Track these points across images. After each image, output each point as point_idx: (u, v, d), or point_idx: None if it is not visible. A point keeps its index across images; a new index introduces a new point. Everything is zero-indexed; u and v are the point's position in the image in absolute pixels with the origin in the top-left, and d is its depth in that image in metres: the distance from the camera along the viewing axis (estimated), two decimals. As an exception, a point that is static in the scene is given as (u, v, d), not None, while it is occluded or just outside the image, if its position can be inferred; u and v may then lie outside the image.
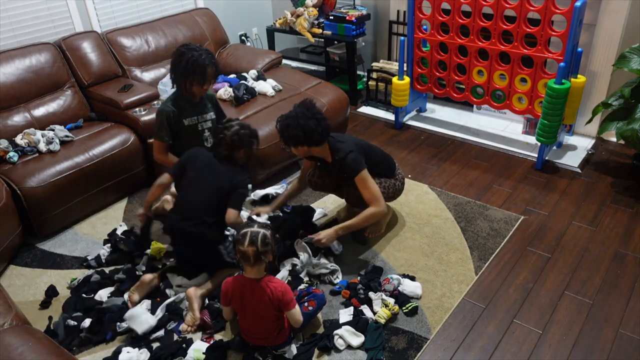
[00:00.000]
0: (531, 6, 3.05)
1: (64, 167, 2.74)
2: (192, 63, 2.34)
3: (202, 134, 2.58)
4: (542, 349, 2.05)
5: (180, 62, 2.36)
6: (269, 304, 1.91)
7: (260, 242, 1.87)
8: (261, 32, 4.91)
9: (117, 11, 3.83)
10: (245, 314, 1.99)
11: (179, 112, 2.48)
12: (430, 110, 4.15)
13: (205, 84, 2.42)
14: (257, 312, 1.94)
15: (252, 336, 2.01)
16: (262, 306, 1.92)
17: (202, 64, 2.35)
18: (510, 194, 3.03)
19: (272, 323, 1.96)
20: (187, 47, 2.40)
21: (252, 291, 1.93)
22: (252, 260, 1.88)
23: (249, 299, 1.94)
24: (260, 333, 1.98)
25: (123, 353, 2.01)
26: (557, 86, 2.96)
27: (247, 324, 2.00)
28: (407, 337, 2.10)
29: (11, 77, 3.00)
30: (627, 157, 3.36)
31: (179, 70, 2.38)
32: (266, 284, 1.92)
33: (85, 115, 3.24)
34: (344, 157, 2.37)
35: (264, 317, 1.94)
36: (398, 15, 4.22)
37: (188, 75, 2.37)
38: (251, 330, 2.00)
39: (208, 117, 2.60)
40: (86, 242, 2.76)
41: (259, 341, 2.00)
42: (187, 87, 2.42)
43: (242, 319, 2.03)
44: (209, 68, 2.39)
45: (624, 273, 2.41)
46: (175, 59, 2.39)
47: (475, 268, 2.46)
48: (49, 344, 1.59)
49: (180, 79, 2.41)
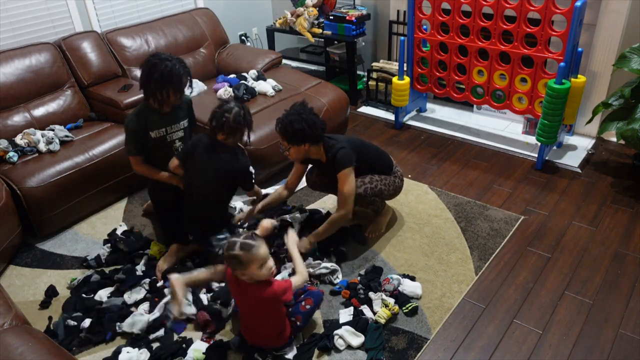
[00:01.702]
0: (531, 6, 3.05)
1: (63, 167, 2.74)
2: (168, 73, 2.25)
3: (172, 145, 2.50)
4: (542, 349, 2.05)
5: (153, 73, 2.25)
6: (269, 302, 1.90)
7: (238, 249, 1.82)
8: (261, 32, 4.91)
9: (117, 11, 3.82)
10: (243, 314, 2.02)
11: (146, 125, 2.39)
12: (430, 110, 4.15)
13: (180, 93, 2.35)
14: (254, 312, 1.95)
15: (251, 336, 2.02)
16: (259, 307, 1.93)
17: (177, 74, 2.27)
18: (510, 194, 3.03)
19: (272, 324, 1.97)
20: (158, 58, 2.28)
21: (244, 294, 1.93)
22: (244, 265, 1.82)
23: (244, 300, 1.96)
24: (260, 334, 2.00)
25: (123, 353, 2.01)
26: (557, 86, 2.96)
27: (246, 323, 2.03)
28: (407, 337, 2.10)
29: (11, 77, 3.00)
30: (627, 157, 3.35)
31: (153, 81, 2.27)
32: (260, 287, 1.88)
33: (85, 115, 3.24)
34: (335, 153, 2.38)
35: (262, 318, 1.95)
36: (398, 15, 4.22)
37: (164, 85, 2.27)
38: (250, 330, 2.02)
39: (179, 126, 2.51)
40: (86, 242, 2.76)
41: (256, 341, 2.01)
42: (160, 98, 2.31)
43: (241, 318, 2.05)
44: (184, 78, 2.32)
45: (624, 273, 2.41)
46: (148, 70, 2.27)
47: (475, 268, 2.46)
48: (49, 344, 1.59)
49: (155, 90, 2.29)
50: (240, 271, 1.84)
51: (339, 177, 2.37)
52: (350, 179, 2.37)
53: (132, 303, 2.28)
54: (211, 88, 3.56)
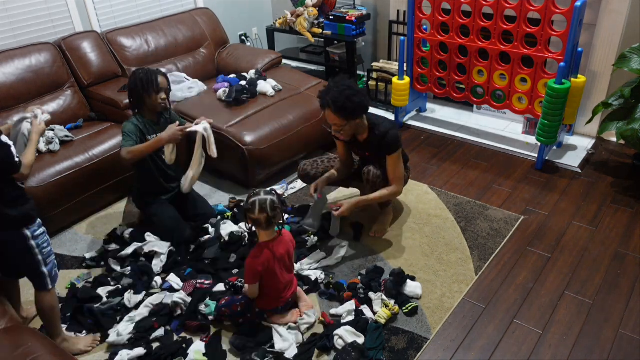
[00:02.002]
0: (531, 6, 3.05)
1: (64, 167, 2.74)
2: (144, 76, 2.48)
3: (162, 149, 2.60)
4: (542, 349, 2.05)
5: (135, 82, 2.49)
6: (292, 246, 2.17)
7: (269, 208, 2.01)
8: (261, 32, 4.91)
9: (117, 11, 3.82)
10: (282, 272, 2.13)
11: (144, 129, 2.56)
12: (430, 110, 4.15)
13: (160, 91, 2.51)
14: (286, 264, 2.14)
15: (287, 292, 2.17)
16: (289, 256, 2.16)
17: (153, 75, 2.49)
18: (510, 194, 3.03)
19: (293, 265, 2.23)
20: (136, 69, 2.55)
21: (282, 244, 2.12)
22: (265, 225, 2.04)
23: (281, 253, 2.10)
24: (291, 285, 2.19)
25: (122, 353, 2.01)
26: (557, 86, 2.96)
27: (285, 277, 2.15)
28: (407, 337, 2.10)
29: (11, 77, 3.00)
30: (627, 157, 3.35)
31: (137, 89, 2.49)
32: (283, 236, 2.14)
33: (85, 115, 3.24)
34: (385, 132, 2.38)
35: (291, 262, 2.19)
36: (398, 15, 4.22)
37: (144, 89, 2.48)
38: (286, 287, 2.17)
39: None
40: (86, 242, 2.76)
41: (290, 294, 2.18)
42: (147, 101, 2.51)
43: (278, 280, 2.11)
44: (160, 77, 2.52)
45: (624, 273, 2.41)
46: (130, 83, 2.52)
47: (475, 268, 2.46)
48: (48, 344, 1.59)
49: (141, 93, 2.49)
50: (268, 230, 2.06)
51: (391, 158, 2.42)
52: (401, 160, 2.46)
53: (132, 307, 2.28)
54: (211, 88, 3.56)
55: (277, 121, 3.18)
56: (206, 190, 3.15)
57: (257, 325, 2.15)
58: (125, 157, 2.45)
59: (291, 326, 2.13)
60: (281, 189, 3.12)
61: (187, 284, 2.36)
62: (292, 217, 2.84)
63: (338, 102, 2.27)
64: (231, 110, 3.27)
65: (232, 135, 3.03)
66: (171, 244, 2.60)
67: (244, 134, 3.02)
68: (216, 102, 3.38)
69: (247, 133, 3.04)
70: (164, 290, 2.36)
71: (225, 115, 3.19)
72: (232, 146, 3.00)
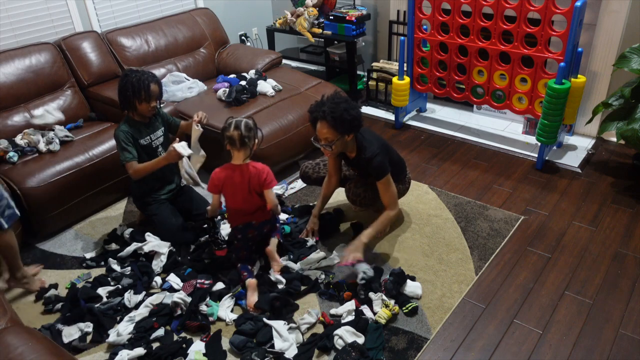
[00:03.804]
0: (531, 6, 3.05)
1: (64, 167, 2.74)
2: (137, 82, 2.46)
3: (157, 150, 2.67)
4: (542, 349, 2.05)
5: (126, 85, 2.48)
6: (254, 182, 2.29)
7: (243, 127, 2.24)
8: (261, 32, 4.91)
9: (117, 11, 3.83)
10: (236, 196, 2.33)
11: (135, 133, 2.56)
12: (430, 110, 4.15)
13: (151, 100, 2.52)
14: (244, 191, 2.30)
15: (242, 214, 2.36)
16: (249, 186, 2.29)
17: (145, 81, 2.48)
18: (510, 194, 3.03)
19: (257, 200, 2.35)
20: (130, 71, 2.52)
21: (240, 173, 2.29)
22: (238, 144, 2.24)
23: (239, 181, 2.29)
24: (248, 209, 2.35)
25: (122, 353, 2.01)
26: (557, 86, 2.96)
27: (238, 204, 2.35)
28: (407, 337, 2.10)
29: (11, 77, 3.00)
30: (627, 157, 3.35)
31: (128, 92, 2.48)
32: (251, 165, 2.31)
33: (85, 115, 3.24)
34: (371, 158, 2.36)
35: (251, 194, 2.31)
36: (398, 15, 4.22)
37: (135, 94, 2.48)
38: (241, 209, 2.35)
39: (159, 134, 2.69)
40: (86, 242, 2.76)
41: (246, 217, 2.36)
42: (137, 107, 2.51)
43: (232, 202, 2.35)
44: (153, 85, 2.51)
45: (624, 273, 2.41)
46: (121, 85, 2.50)
47: (475, 268, 2.46)
48: (49, 344, 1.59)
49: (132, 99, 2.49)
50: (241, 151, 2.27)
51: (380, 184, 2.40)
52: (392, 183, 2.43)
53: (132, 307, 2.28)
54: (211, 88, 3.56)
55: (277, 121, 3.19)
56: (206, 190, 3.14)
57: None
58: (133, 176, 2.53)
59: (291, 326, 2.13)
60: (281, 189, 3.12)
61: (187, 284, 2.36)
62: (292, 217, 2.84)
63: (335, 114, 2.23)
64: (231, 110, 3.27)
65: (232, 135, 3.03)
66: (171, 244, 2.60)
67: (244, 134, 3.02)
68: (216, 102, 3.38)
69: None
70: (164, 290, 2.37)
71: (225, 115, 3.15)
72: (232, 146, 3.00)
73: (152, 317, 2.21)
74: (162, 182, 2.72)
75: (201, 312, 2.22)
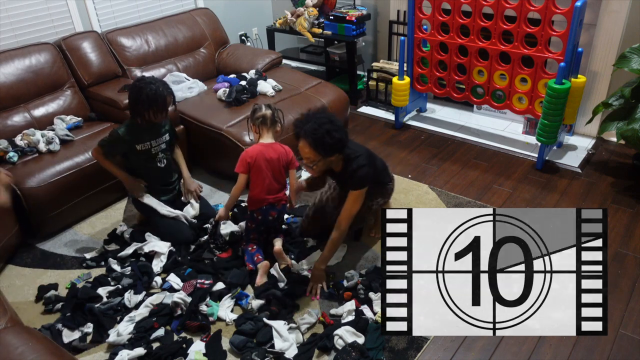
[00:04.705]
0: (531, 6, 3.05)
1: (64, 167, 2.74)
2: (153, 95, 2.48)
3: (156, 156, 2.68)
4: (542, 349, 2.05)
5: (140, 96, 2.49)
6: (284, 159, 2.44)
7: (273, 108, 2.49)
8: (261, 32, 4.91)
9: (117, 11, 3.82)
10: (267, 173, 2.41)
11: (133, 139, 2.59)
12: (431, 110, 4.15)
13: (165, 112, 2.58)
14: (277, 167, 2.43)
15: (266, 194, 2.43)
16: (280, 163, 2.43)
17: (162, 95, 2.51)
18: (510, 194, 3.03)
19: (283, 180, 2.49)
20: (143, 82, 2.52)
21: (274, 150, 2.43)
22: (269, 122, 2.45)
23: (274, 157, 2.42)
24: (275, 189, 2.45)
25: (122, 353, 2.01)
26: (558, 86, 2.96)
27: (267, 181, 2.42)
28: (407, 337, 2.10)
29: (11, 77, 3.00)
30: (627, 157, 3.35)
31: (140, 103, 2.50)
32: (280, 145, 2.47)
33: (85, 115, 3.24)
34: (355, 169, 2.25)
35: (279, 172, 2.44)
36: (398, 15, 4.22)
37: (150, 106, 2.50)
38: (269, 187, 2.43)
39: (162, 139, 2.70)
40: (86, 242, 2.76)
41: (270, 197, 2.44)
42: (147, 117, 2.54)
43: (261, 181, 2.41)
44: (168, 98, 2.56)
45: (624, 273, 2.41)
46: (135, 94, 2.51)
47: (475, 268, 2.46)
48: (49, 344, 1.59)
49: (143, 110, 2.52)
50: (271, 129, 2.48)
51: (352, 194, 2.27)
52: (359, 200, 2.29)
53: (132, 307, 2.28)
54: (211, 88, 3.56)
55: (277, 121, 3.18)
56: (206, 190, 3.14)
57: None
58: (93, 155, 2.65)
59: (292, 326, 2.13)
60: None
61: (187, 284, 2.36)
62: (292, 217, 2.84)
63: (316, 135, 2.09)
64: (231, 110, 3.27)
65: (232, 135, 3.02)
66: (171, 244, 2.60)
67: (244, 134, 3.01)
68: (216, 102, 3.38)
69: (247, 133, 3.03)
70: (164, 290, 2.37)
71: (225, 115, 3.19)
72: (232, 146, 3.00)
73: (152, 317, 2.21)
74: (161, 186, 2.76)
75: (201, 312, 2.23)
